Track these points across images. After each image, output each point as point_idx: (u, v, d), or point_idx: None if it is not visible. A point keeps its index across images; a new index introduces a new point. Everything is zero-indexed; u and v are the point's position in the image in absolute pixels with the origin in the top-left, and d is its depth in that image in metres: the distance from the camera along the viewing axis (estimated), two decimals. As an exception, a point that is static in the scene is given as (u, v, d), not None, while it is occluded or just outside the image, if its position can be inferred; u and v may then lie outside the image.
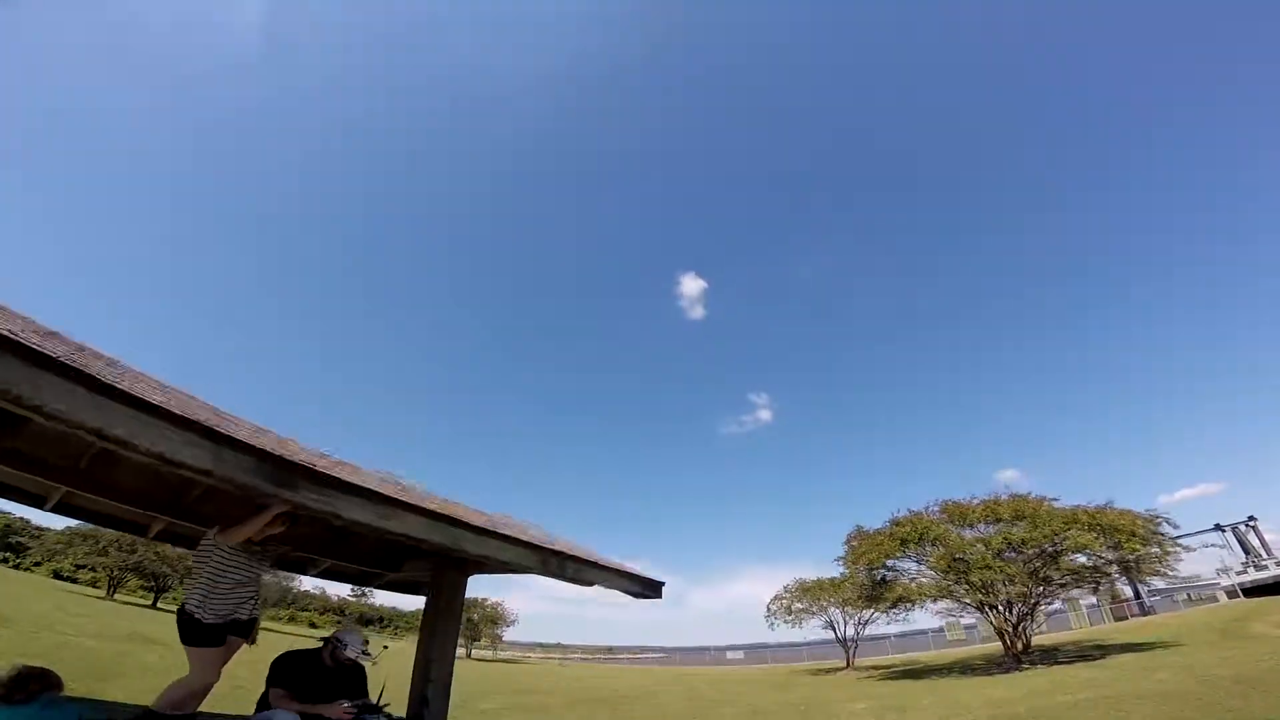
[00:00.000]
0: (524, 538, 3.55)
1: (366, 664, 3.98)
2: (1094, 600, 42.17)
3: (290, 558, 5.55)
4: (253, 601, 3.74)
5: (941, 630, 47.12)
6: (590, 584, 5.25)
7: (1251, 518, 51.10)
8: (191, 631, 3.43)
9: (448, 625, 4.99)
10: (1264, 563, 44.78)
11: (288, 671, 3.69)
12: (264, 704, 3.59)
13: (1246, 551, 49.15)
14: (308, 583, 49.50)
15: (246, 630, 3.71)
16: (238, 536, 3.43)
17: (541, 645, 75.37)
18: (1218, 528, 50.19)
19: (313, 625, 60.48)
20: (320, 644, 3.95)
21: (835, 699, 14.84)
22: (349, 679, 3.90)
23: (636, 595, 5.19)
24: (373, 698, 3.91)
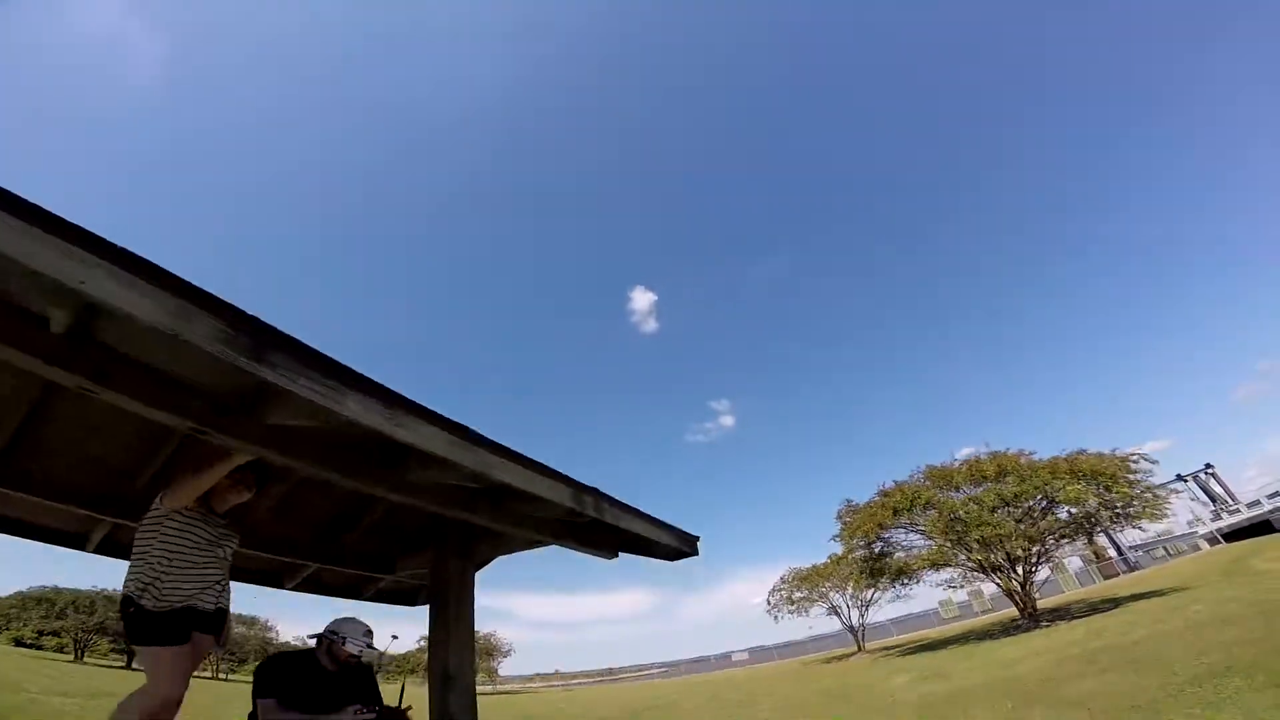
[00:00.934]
0: (551, 468, 2.82)
1: (373, 658, 3.22)
2: (1080, 564, 42.93)
3: (267, 565, 4.67)
4: (218, 587, 2.92)
5: (937, 610, 47.32)
6: (616, 548, 4.52)
7: (1209, 465, 52.99)
8: (139, 625, 2.60)
9: (461, 623, 4.21)
10: (1234, 507, 46.38)
11: (278, 677, 2.92)
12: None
13: (1212, 499, 50.93)
14: (286, 634, 46.53)
15: (215, 625, 2.90)
16: (190, 491, 2.63)
17: (540, 675, 72.79)
18: (1179, 478, 51.68)
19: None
20: (313, 642, 3.15)
21: (869, 679, 14.19)
22: (355, 681, 3.13)
23: (671, 556, 4.49)
24: (390, 702, 3.16)
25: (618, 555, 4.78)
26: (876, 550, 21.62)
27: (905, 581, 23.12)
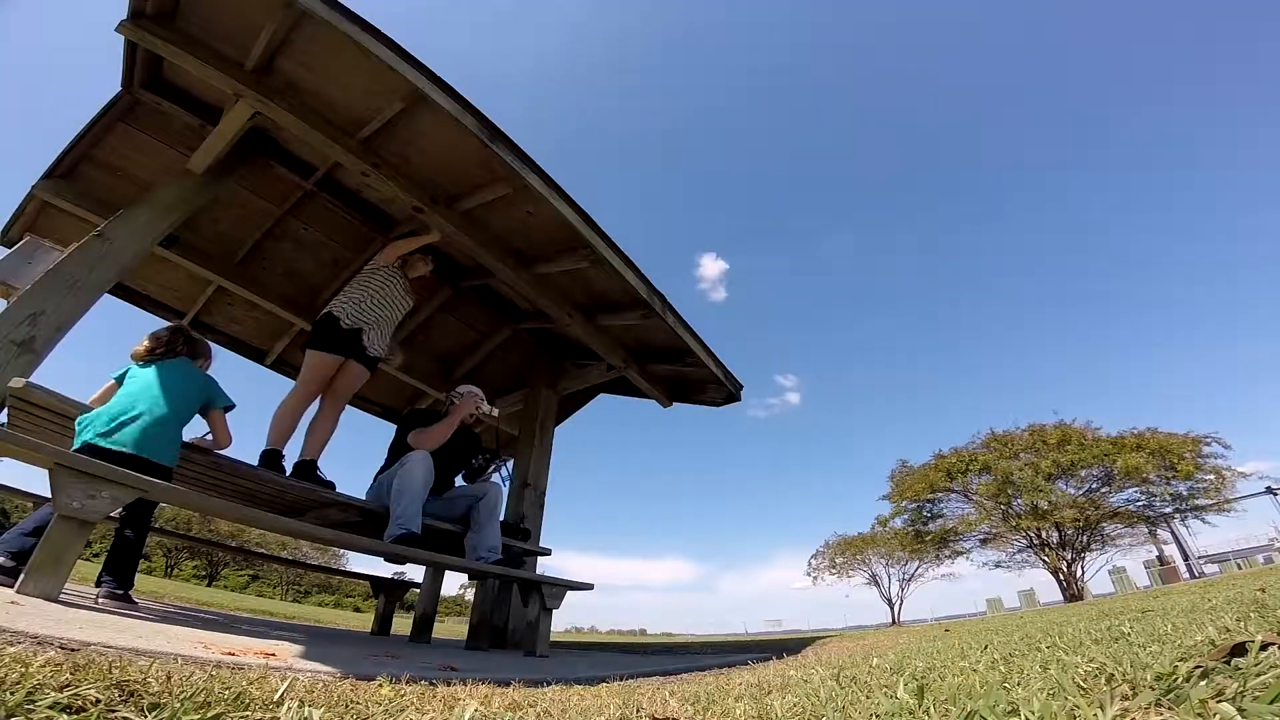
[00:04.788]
0: (638, 268, 3.84)
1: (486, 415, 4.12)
2: (1142, 568, 41.24)
3: (396, 388, 5.92)
4: (386, 339, 3.88)
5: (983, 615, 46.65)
6: (670, 393, 5.56)
7: (1302, 478, 48.98)
8: (324, 331, 3.49)
9: (543, 442, 5.39)
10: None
11: (415, 417, 3.91)
12: (400, 447, 3.72)
13: (1297, 514, 47.12)
14: (352, 565, 50.72)
15: (371, 364, 3.77)
16: (393, 251, 3.72)
17: (576, 629, 76.24)
18: (1269, 491, 48.29)
19: (357, 610, 62.15)
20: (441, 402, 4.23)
21: (943, 650, 14.35)
22: (466, 438, 4.15)
23: (721, 398, 5.45)
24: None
25: (672, 403, 5.84)
26: (924, 513, 21.72)
27: (949, 551, 22.94)
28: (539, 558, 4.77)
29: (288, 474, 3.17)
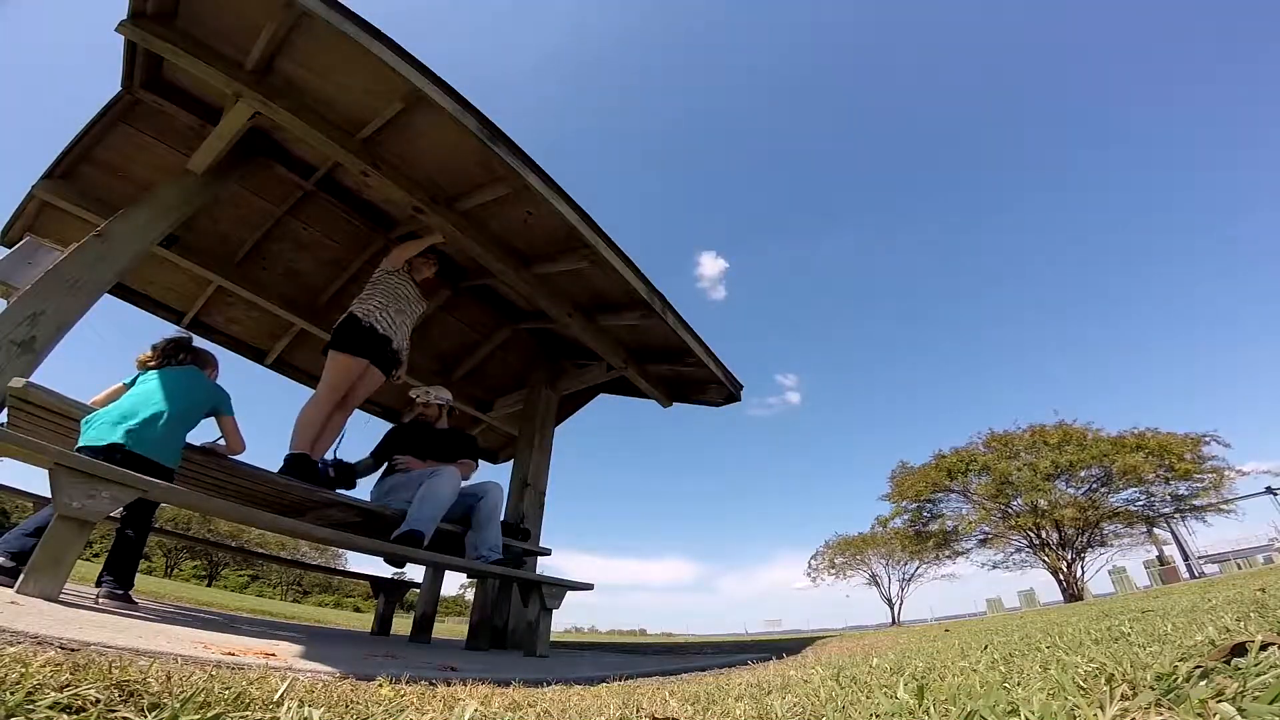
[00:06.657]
0: (639, 269, 3.84)
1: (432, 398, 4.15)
2: (1142, 568, 41.28)
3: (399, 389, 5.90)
4: (404, 340, 3.90)
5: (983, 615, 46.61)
6: (670, 393, 5.56)
7: (1300, 479, 49.03)
8: (346, 331, 3.49)
9: (543, 442, 5.37)
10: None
11: (400, 431, 4.02)
12: (386, 452, 3.87)
13: (1296, 514, 47.10)
14: (352, 565, 50.75)
15: (388, 369, 3.79)
16: (400, 255, 3.76)
17: (576, 629, 76.21)
18: (1269, 491, 48.39)
19: (357, 610, 62.19)
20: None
21: (943, 650, 14.57)
22: (460, 439, 4.22)
23: (721, 397, 5.44)
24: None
25: (672, 403, 5.84)
26: (924, 513, 21.76)
27: (949, 551, 22.96)
28: (539, 557, 4.77)
29: (284, 472, 3.15)
